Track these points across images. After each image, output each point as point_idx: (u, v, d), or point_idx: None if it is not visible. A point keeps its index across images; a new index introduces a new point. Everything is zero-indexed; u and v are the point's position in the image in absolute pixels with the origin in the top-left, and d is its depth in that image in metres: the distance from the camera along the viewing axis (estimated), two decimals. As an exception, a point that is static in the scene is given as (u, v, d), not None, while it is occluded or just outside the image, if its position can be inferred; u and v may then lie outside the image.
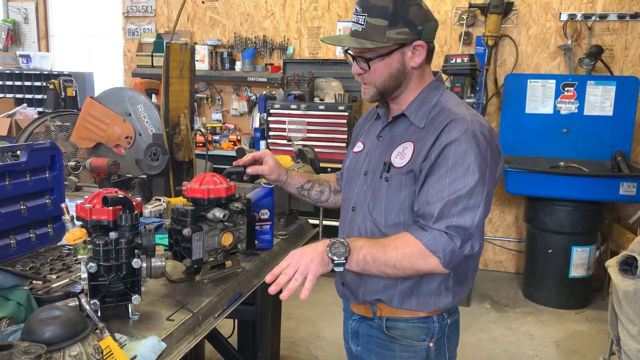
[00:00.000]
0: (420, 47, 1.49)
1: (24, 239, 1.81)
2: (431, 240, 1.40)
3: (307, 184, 1.88)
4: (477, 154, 1.40)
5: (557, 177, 4.18)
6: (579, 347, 3.71)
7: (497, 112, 4.95)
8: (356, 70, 1.53)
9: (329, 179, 1.94)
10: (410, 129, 1.53)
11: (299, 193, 1.88)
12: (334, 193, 1.90)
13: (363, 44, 1.46)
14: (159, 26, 5.85)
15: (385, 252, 1.41)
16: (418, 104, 1.54)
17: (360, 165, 1.64)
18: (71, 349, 1.17)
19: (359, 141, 1.73)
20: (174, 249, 1.72)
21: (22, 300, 1.38)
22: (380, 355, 1.59)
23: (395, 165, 1.51)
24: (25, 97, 6.10)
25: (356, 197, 1.61)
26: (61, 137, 3.59)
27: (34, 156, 1.82)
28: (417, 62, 1.50)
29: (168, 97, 2.48)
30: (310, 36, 5.38)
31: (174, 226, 1.70)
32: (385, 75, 1.50)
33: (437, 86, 1.56)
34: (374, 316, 1.58)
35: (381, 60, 1.48)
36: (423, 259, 1.40)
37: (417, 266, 1.41)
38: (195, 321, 1.51)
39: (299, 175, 1.88)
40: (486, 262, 5.22)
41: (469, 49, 4.93)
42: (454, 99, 1.54)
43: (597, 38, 4.68)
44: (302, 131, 4.48)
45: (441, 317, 1.56)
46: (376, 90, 1.53)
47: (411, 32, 1.46)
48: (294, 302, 4.24)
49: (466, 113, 1.46)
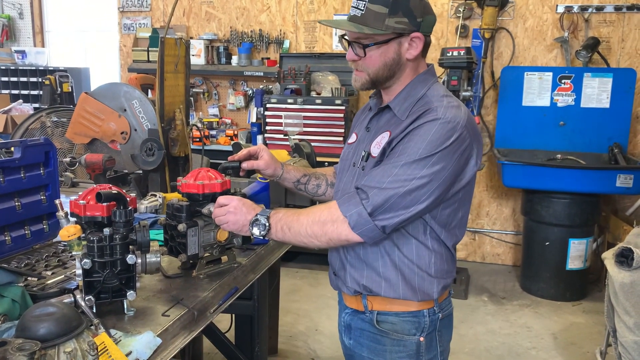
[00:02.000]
0: (418, 39, 1.47)
1: (19, 235, 1.81)
2: (345, 200, 1.43)
3: (303, 178, 1.88)
4: (434, 145, 1.37)
5: (554, 169, 4.18)
6: (576, 339, 3.73)
7: (494, 105, 4.94)
8: (351, 56, 1.53)
9: (326, 172, 1.95)
10: (392, 120, 1.52)
11: (296, 187, 1.88)
12: (331, 186, 1.90)
13: (361, 29, 1.44)
14: (155, 21, 5.83)
15: (298, 220, 1.48)
16: (404, 96, 1.52)
17: (351, 156, 1.65)
18: (66, 345, 1.17)
19: (353, 132, 1.73)
20: (169, 244, 1.72)
21: (16, 297, 1.38)
22: (372, 349, 1.60)
23: (372, 155, 1.52)
24: (21, 93, 6.09)
25: (344, 188, 1.62)
26: (57, 133, 3.58)
27: (28, 152, 1.81)
28: (412, 54, 1.49)
29: (163, 92, 2.47)
30: (307, 30, 5.36)
31: (169, 222, 1.70)
32: (380, 64, 1.49)
33: (425, 79, 1.53)
34: (365, 310, 1.59)
35: (377, 48, 1.47)
36: (331, 222, 1.43)
37: (326, 230, 1.44)
38: (191, 317, 1.51)
39: (295, 170, 1.88)
40: (483, 254, 5.23)
41: (466, 42, 4.92)
42: (439, 92, 1.51)
43: (593, 30, 4.67)
44: (299, 125, 4.47)
45: (432, 311, 1.56)
46: (368, 78, 1.52)
47: (410, 23, 1.44)
48: (292, 296, 4.25)
49: (443, 105, 1.43)
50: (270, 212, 1.52)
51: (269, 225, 1.49)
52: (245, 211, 1.53)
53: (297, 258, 4.87)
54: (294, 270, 4.76)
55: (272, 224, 1.49)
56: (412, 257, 1.51)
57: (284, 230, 1.49)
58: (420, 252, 1.51)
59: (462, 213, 1.54)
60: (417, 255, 1.51)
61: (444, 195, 1.44)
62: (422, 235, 1.50)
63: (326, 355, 3.47)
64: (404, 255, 1.51)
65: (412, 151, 1.39)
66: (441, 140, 1.38)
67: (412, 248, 1.51)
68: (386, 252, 1.52)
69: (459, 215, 1.53)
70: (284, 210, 1.54)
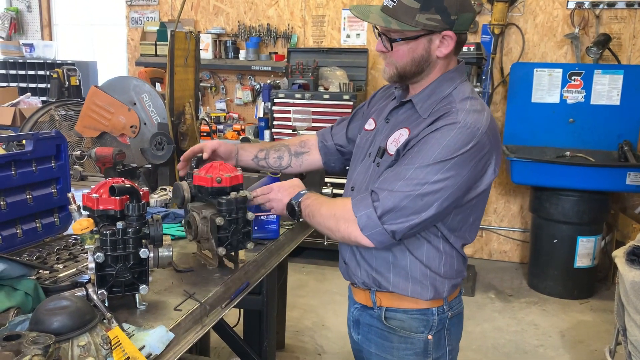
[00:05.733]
0: (449, 38, 1.41)
1: (30, 228, 1.80)
2: (359, 200, 1.43)
3: (260, 153, 1.89)
4: (450, 150, 1.34)
5: (563, 166, 4.16)
6: (584, 337, 3.71)
7: (502, 102, 4.92)
8: (379, 48, 1.48)
9: (288, 143, 1.94)
10: (413, 117, 1.49)
11: (257, 164, 1.90)
12: (294, 156, 1.89)
13: (389, 22, 1.39)
14: (163, 14, 5.81)
15: (319, 211, 1.50)
16: (428, 93, 1.48)
17: (367, 145, 1.62)
18: (79, 339, 1.17)
19: (371, 118, 1.68)
20: (227, 241, 1.68)
21: (29, 290, 1.38)
22: (379, 345, 1.59)
23: (389, 152, 1.49)
24: (29, 86, 6.09)
25: (356, 178, 1.61)
26: (65, 126, 3.59)
27: (40, 145, 1.80)
28: (443, 53, 1.43)
29: (173, 86, 2.46)
30: (315, 24, 5.34)
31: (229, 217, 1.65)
32: (408, 60, 1.44)
33: (452, 78, 1.48)
34: (374, 306, 1.58)
35: (406, 43, 1.42)
36: (344, 220, 1.43)
37: (339, 227, 1.45)
38: (203, 311, 1.50)
39: (250, 146, 1.89)
40: (491, 252, 5.21)
41: (475, 38, 4.89)
42: (465, 93, 1.45)
43: (604, 26, 4.63)
44: (307, 120, 4.46)
45: (441, 309, 1.55)
46: (396, 71, 1.48)
47: (442, 21, 1.38)
48: (299, 291, 4.25)
49: (465, 109, 1.39)
50: (302, 196, 1.57)
51: (299, 210, 1.57)
52: (280, 197, 1.63)
53: (303, 253, 4.86)
54: (300, 266, 4.76)
55: (303, 209, 1.57)
56: (422, 259, 1.50)
57: (309, 217, 1.55)
58: (430, 254, 1.50)
59: (474, 218, 1.52)
60: (427, 257, 1.50)
61: (458, 202, 1.41)
62: (432, 238, 1.49)
63: (333, 350, 3.47)
64: (415, 257, 1.49)
65: (427, 155, 1.35)
66: (458, 146, 1.34)
67: (422, 250, 1.49)
68: (396, 253, 1.51)
69: (469, 220, 1.51)
70: (314, 196, 1.57)
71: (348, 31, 5.26)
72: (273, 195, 1.65)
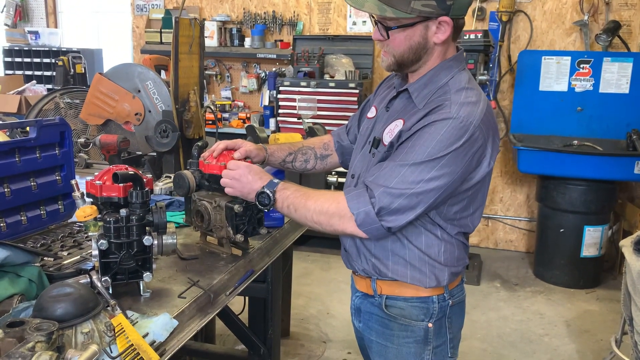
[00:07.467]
0: (446, 24, 1.39)
1: (35, 215, 1.81)
2: (354, 196, 1.40)
3: (289, 157, 1.85)
4: (443, 145, 1.33)
5: (570, 155, 4.12)
6: (590, 327, 3.70)
7: (510, 90, 4.87)
8: (376, 36, 1.46)
9: (313, 144, 1.90)
10: (409, 107, 1.48)
11: (283, 167, 1.87)
12: (320, 159, 1.87)
13: (384, 10, 1.37)
14: (168, 2, 5.78)
15: (305, 205, 1.46)
16: (425, 82, 1.46)
17: (368, 133, 1.61)
18: (83, 326, 1.17)
19: (373, 105, 1.68)
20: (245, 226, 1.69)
21: (33, 277, 1.38)
22: (380, 333, 1.59)
23: (384, 142, 1.49)
24: (34, 74, 6.09)
25: (356, 165, 1.61)
26: (70, 114, 3.58)
27: (44, 132, 1.80)
28: (440, 39, 1.41)
29: (177, 73, 2.45)
30: (321, 12, 5.30)
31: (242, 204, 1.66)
32: (405, 47, 1.43)
33: (450, 66, 1.46)
34: (375, 294, 1.57)
35: (402, 31, 1.41)
36: (339, 217, 1.41)
37: (332, 222, 1.43)
38: (207, 299, 1.50)
39: (278, 150, 1.84)
40: (497, 241, 5.19)
41: (483, 25, 4.84)
42: (461, 83, 1.43)
43: (614, 13, 4.56)
44: (313, 109, 4.43)
45: (441, 297, 1.54)
46: (394, 60, 1.46)
47: (438, 6, 1.36)
48: (304, 279, 4.26)
49: (459, 101, 1.38)
50: (277, 186, 1.50)
51: (274, 200, 1.49)
52: (250, 179, 1.54)
53: (308, 242, 4.86)
54: (305, 254, 4.76)
55: (278, 199, 1.49)
56: (421, 247, 1.49)
57: (289, 209, 1.49)
58: (429, 242, 1.49)
59: (474, 208, 1.51)
60: (426, 245, 1.49)
61: (452, 194, 1.42)
62: (429, 226, 1.48)
63: (338, 338, 3.47)
64: (413, 244, 1.49)
65: (420, 150, 1.35)
66: (451, 141, 1.34)
67: (421, 239, 1.49)
68: (395, 240, 1.50)
69: (469, 210, 1.50)
70: (293, 187, 1.51)
71: (354, 18, 5.21)
72: (241, 176, 1.55)
